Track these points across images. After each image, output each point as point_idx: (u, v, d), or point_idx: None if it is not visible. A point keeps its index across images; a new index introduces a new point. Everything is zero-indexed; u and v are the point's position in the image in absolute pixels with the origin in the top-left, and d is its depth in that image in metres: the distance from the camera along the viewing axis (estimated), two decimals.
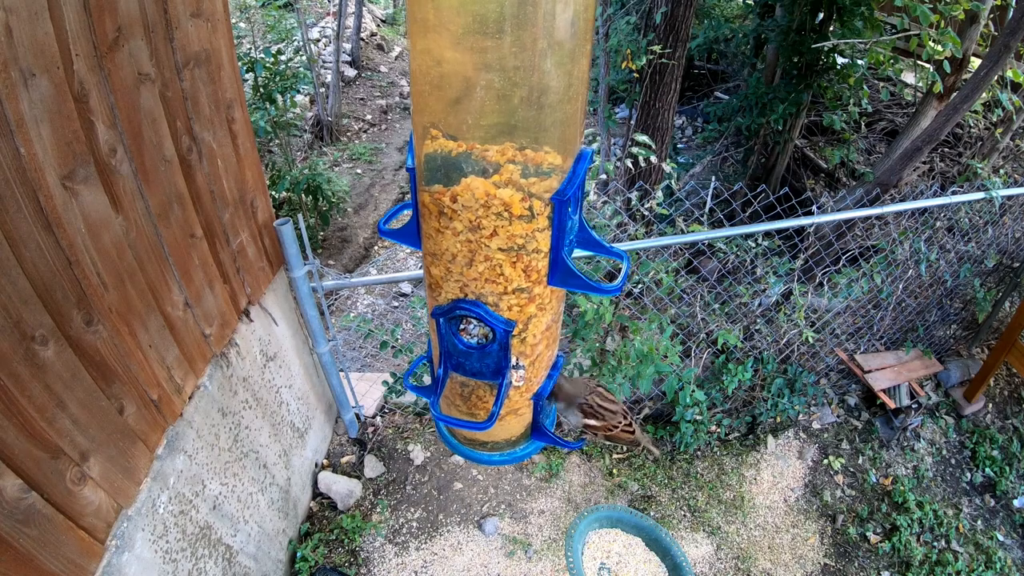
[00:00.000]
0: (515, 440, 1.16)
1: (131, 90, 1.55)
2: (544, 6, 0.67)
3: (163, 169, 1.72)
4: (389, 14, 12.25)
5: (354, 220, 6.36)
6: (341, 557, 2.76)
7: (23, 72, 1.21)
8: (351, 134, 8.09)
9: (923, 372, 3.93)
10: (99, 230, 1.48)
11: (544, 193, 0.80)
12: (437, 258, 0.89)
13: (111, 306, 1.53)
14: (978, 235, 3.78)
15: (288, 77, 5.00)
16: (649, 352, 2.79)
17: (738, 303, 3.51)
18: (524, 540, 2.92)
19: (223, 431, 2.15)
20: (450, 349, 0.98)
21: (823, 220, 3.03)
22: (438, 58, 0.72)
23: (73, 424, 1.42)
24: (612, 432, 1.34)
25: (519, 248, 0.84)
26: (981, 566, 3.22)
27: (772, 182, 5.62)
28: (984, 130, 5.65)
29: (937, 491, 3.58)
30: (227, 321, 2.18)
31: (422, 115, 0.79)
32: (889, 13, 4.94)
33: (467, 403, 1.06)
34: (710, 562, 3.04)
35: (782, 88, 5.14)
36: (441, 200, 0.82)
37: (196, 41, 1.83)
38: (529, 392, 1.06)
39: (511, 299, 0.89)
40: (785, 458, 3.55)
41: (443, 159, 0.78)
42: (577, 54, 0.74)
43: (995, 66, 3.60)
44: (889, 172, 4.28)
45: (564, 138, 0.79)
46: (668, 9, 4.01)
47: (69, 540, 1.43)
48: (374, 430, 3.31)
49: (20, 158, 1.22)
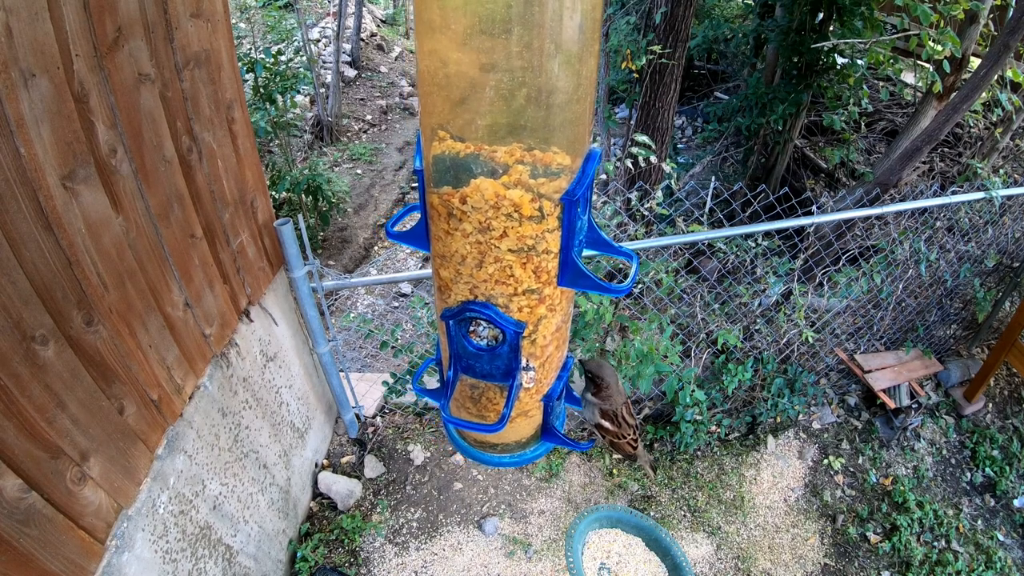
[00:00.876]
0: (525, 442, 1.15)
1: (131, 90, 1.54)
2: (551, 6, 0.67)
3: (163, 169, 1.72)
4: (389, 14, 12.24)
5: (354, 220, 6.35)
6: (341, 557, 2.76)
7: (23, 72, 1.20)
8: (351, 134, 8.08)
9: (923, 372, 3.94)
10: (99, 230, 1.47)
11: (554, 193, 0.80)
12: (446, 260, 0.89)
13: (111, 306, 1.52)
14: (978, 235, 3.79)
15: (288, 77, 4.99)
16: (649, 352, 2.79)
17: (738, 303, 3.51)
18: (524, 540, 2.92)
19: (223, 431, 2.14)
20: (460, 351, 0.97)
21: (823, 220, 3.03)
22: (445, 59, 0.71)
23: (73, 424, 1.41)
24: (618, 441, 1.35)
25: (529, 249, 0.83)
26: (981, 566, 3.23)
27: (772, 182, 5.63)
28: (984, 130, 5.66)
29: (937, 491, 3.58)
30: (227, 321, 2.17)
31: (430, 116, 0.78)
32: (889, 13, 4.95)
33: (477, 405, 1.06)
34: (710, 562, 3.04)
35: (782, 88, 5.15)
36: (450, 202, 0.81)
37: (196, 41, 1.82)
38: (539, 394, 1.06)
39: (521, 300, 0.88)
40: (785, 458, 3.55)
41: (452, 161, 0.78)
42: (585, 54, 0.73)
43: (995, 66, 3.60)
44: (889, 172, 4.28)
45: (573, 138, 0.79)
46: (668, 9, 4.01)
47: (69, 540, 1.42)
48: (374, 430, 3.30)
49: (20, 158, 1.22)
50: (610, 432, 1.32)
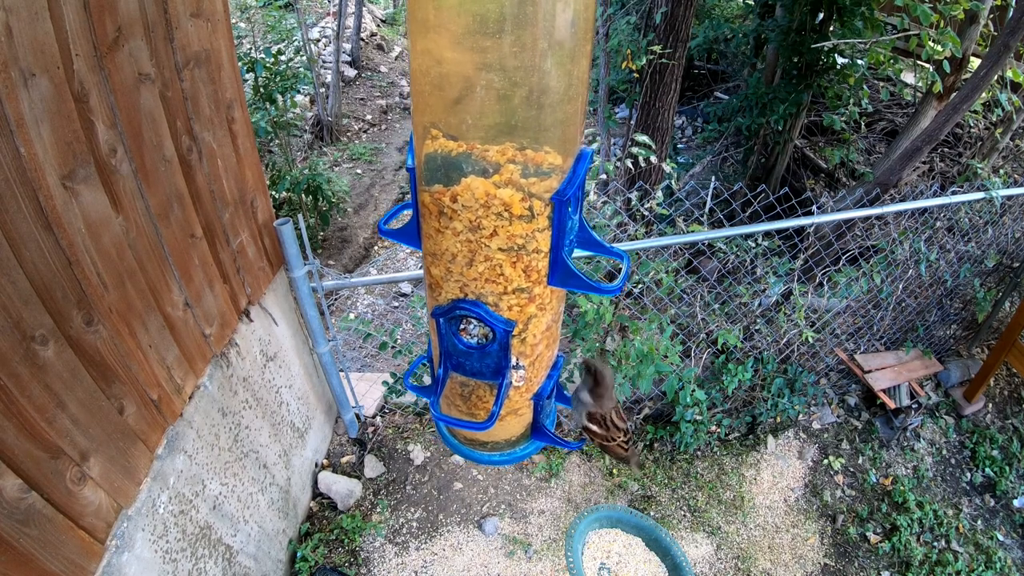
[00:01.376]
0: (515, 440, 1.16)
1: (131, 90, 1.55)
2: (544, 6, 0.68)
3: (163, 169, 1.72)
4: (389, 14, 12.25)
5: (354, 220, 6.36)
6: (341, 557, 2.76)
7: (23, 72, 1.21)
8: (351, 134, 8.09)
9: (923, 372, 3.93)
10: (99, 230, 1.48)
11: (544, 193, 0.80)
12: (437, 258, 0.89)
13: (111, 306, 1.53)
14: (978, 235, 3.78)
15: (288, 77, 5.00)
16: (649, 352, 2.79)
17: (738, 303, 3.51)
18: (524, 540, 2.92)
19: (223, 431, 2.15)
20: (450, 349, 0.98)
21: (823, 220, 3.03)
22: (438, 58, 0.72)
23: (73, 424, 1.42)
24: (608, 444, 1.35)
25: (519, 248, 0.83)
26: (981, 566, 3.22)
27: (772, 182, 5.62)
28: (984, 130, 5.65)
29: (937, 491, 3.58)
30: (227, 321, 2.18)
31: (422, 115, 0.79)
32: (889, 13, 4.95)
33: (467, 403, 1.06)
34: (710, 562, 3.04)
35: (782, 88, 5.14)
36: (441, 200, 0.82)
37: (196, 41, 1.83)
38: (529, 392, 1.06)
39: (511, 299, 0.88)
40: (785, 458, 3.55)
41: (443, 159, 0.78)
42: (577, 54, 0.74)
43: (995, 66, 3.60)
44: (889, 172, 4.28)
45: (564, 138, 0.79)
46: (668, 9, 4.01)
47: (69, 540, 1.43)
48: (374, 430, 3.31)
49: (20, 158, 1.22)
50: (598, 436, 1.32)
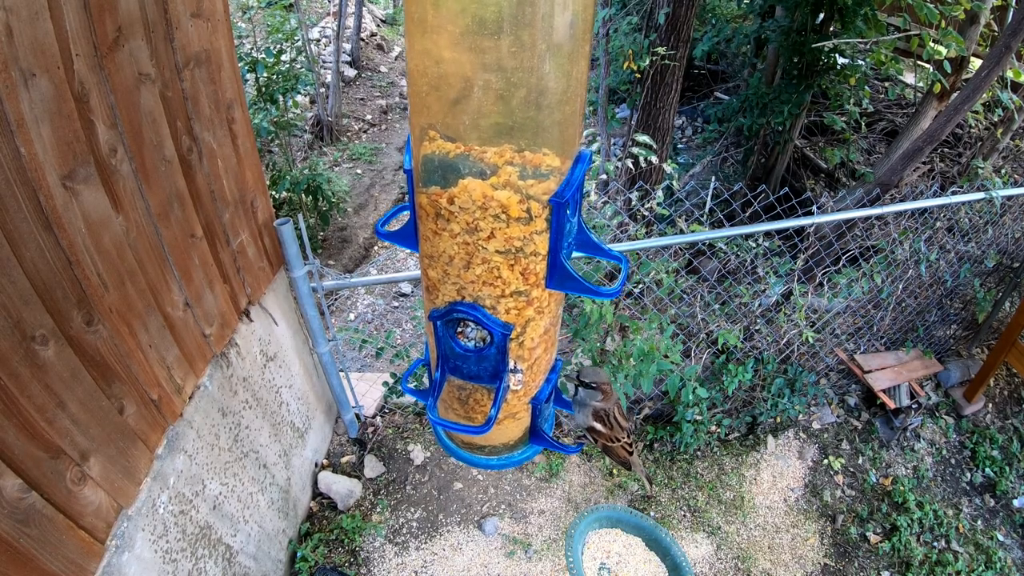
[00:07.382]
0: (513, 444, 1.15)
1: (131, 90, 1.55)
2: (542, 7, 0.67)
3: (163, 169, 1.72)
4: (389, 14, 12.24)
5: (354, 220, 6.36)
6: (341, 557, 2.77)
7: (23, 72, 1.21)
8: (351, 134, 8.09)
9: (923, 372, 3.93)
10: (99, 230, 1.48)
11: (542, 195, 0.80)
12: (434, 260, 0.89)
13: (111, 306, 1.53)
14: (978, 235, 3.78)
15: (289, 78, 5.00)
16: (651, 350, 2.79)
17: (738, 303, 3.50)
18: (524, 540, 2.92)
19: (223, 431, 2.15)
20: (447, 352, 0.97)
21: (823, 220, 3.03)
22: (436, 58, 0.72)
23: (73, 424, 1.42)
24: (612, 445, 1.34)
25: (517, 251, 0.83)
26: (981, 566, 3.22)
27: (772, 182, 5.62)
28: (984, 130, 5.65)
29: (937, 491, 3.58)
30: (227, 321, 2.18)
31: (420, 116, 0.78)
32: (890, 13, 4.94)
33: (464, 407, 1.05)
34: (710, 562, 3.04)
35: (783, 89, 5.14)
36: (438, 202, 0.81)
37: (196, 41, 1.83)
38: (527, 396, 1.05)
39: (509, 302, 0.88)
40: (785, 458, 3.55)
41: (441, 161, 0.78)
42: (576, 55, 0.74)
43: (996, 66, 3.59)
44: (889, 172, 4.28)
45: (563, 140, 0.79)
46: (670, 10, 4.01)
47: (69, 540, 1.43)
48: (374, 430, 3.31)
49: (20, 158, 1.22)
50: (603, 435, 1.32)
